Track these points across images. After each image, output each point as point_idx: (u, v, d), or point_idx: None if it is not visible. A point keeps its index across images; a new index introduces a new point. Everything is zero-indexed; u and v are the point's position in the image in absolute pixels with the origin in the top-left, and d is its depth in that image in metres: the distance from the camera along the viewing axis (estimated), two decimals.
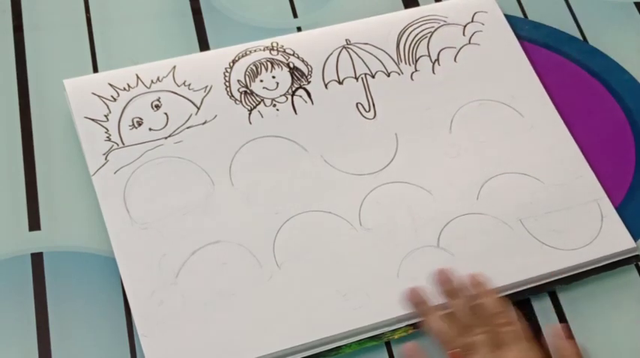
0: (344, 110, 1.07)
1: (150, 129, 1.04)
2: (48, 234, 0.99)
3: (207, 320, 0.93)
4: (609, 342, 0.96)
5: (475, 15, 1.15)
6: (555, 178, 1.04)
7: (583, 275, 0.99)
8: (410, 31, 1.14)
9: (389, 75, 1.10)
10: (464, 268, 0.95)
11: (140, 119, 1.05)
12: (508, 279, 0.96)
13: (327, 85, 1.09)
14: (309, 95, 1.08)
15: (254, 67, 1.09)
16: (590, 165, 1.05)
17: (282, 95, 1.08)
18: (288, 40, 1.12)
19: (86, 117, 1.04)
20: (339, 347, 0.93)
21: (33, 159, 1.04)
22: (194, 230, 0.98)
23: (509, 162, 1.05)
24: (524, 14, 1.19)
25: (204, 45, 1.14)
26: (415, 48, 1.12)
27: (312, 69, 1.10)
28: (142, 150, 1.02)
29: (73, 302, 0.95)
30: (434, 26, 1.14)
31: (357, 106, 1.08)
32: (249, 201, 1.00)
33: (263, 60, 1.10)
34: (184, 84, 1.07)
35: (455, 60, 1.12)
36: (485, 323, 0.91)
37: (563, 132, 1.07)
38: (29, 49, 1.12)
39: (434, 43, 1.13)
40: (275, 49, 1.11)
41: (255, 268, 0.96)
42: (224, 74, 1.09)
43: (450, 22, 1.15)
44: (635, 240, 1.00)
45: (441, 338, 0.91)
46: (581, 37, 1.17)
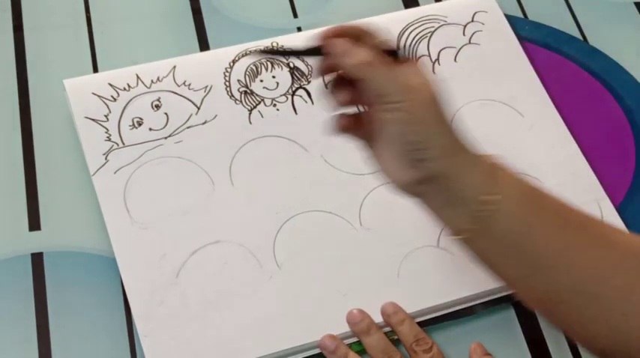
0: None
1: (150, 129, 1.04)
2: (48, 234, 0.99)
3: (207, 320, 0.93)
4: None
5: (475, 15, 1.15)
6: (555, 178, 1.03)
7: None
8: (410, 31, 1.14)
9: None
10: (464, 268, 0.94)
11: (140, 119, 1.05)
12: None
13: (327, 85, 1.09)
14: (309, 95, 1.08)
15: (254, 67, 1.09)
16: (591, 165, 1.05)
17: (282, 95, 1.08)
18: (288, 40, 1.12)
19: (86, 117, 1.04)
20: None
21: (33, 159, 1.04)
22: (194, 230, 0.98)
23: (509, 162, 1.04)
24: (524, 14, 1.19)
25: (204, 45, 1.14)
26: (415, 48, 1.12)
27: (312, 69, 1.10)
28: (142, 150, 1.02)
29: (73, 302, 0.95)
30: (434, 26, 1.14)
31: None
32: (249, 201, 1.00)
33: (263, 60, 1.10)
34: (184, 84, 1.07)
35: (455, 60, 1.12)
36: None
37: (563, 132, 1.07)
38: (29, 49, 1.12)
39: (434, 42, 1.13)
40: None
41: (256, 268, 0.96)
42: (224, 74, 1.09)
43: (450, 22, 1.15)
44: None
45: None
46: (581, 37, 1.17)
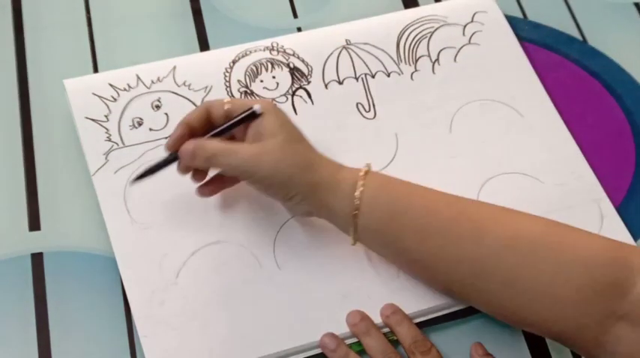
0: (344, 110, 1.07)
1: (150, 129, 1.04)
2: (48, 234, 0.99)
3: (207, 321, 0.93)
4: None
5: (475, 15, 1.15)
6: (555, 178, 1.04)
7: None
8: (410, 31, 1.14)
9: (389, 75, 1.10)
10: None
11: (140, 119, 1.05)
12: None
13: (327, 85, 1.09)
14: (309, 95, 1.08)
15: (254, 68, 1.09)
16: (590, 165, 1.05)
17: (282, 95, 1.08)
18: (288, 40, 1.12)
19: (86, 118, 1.04)
20: None
21: (33, 159, 1.04)
22: (194, 230, 0.98)
23: (509, 162, 1.05)
24: (524, 14, 1.19)
25: (204, 45, 1.14)
26: (415, 48, 1.12)
27: (312, 69, 1.10)
28: (142, 150, 1.02)
29: (73, 302, 0.95)
30: (434, 26, 1.14)
31: (357, 106, 1.08)
32: (249, 201, 1.00)
33: (263, 60, 1.10)
34: (184, 84, 1.07)
35: (455, 60, 1.12)
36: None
37: (563, 132, 1.07)
38: (29, 49, 1.12)
39: (434, 43, 1.13)
40: (275, 49, 1.11)
41: (256, 268, 0.96)
42: (224, 74, 1.09)
43: (450, 22, 1.15)
44: (636, 239, 1.00)
45: None
46: (581, 38, 1.17)
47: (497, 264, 0.88)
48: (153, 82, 1.07)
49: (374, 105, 1.08)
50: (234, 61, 1.10)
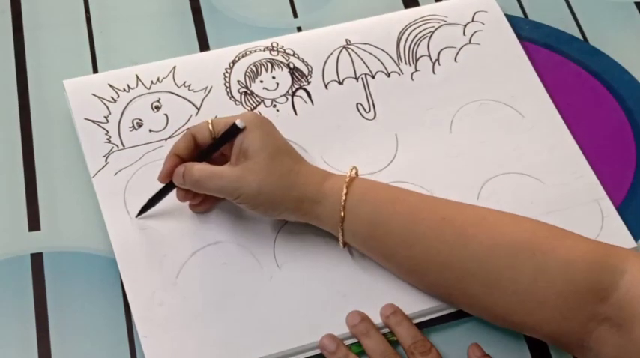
0: (344, 110, 1.07)
1: (150, 130, 1.04)
2: (48, 234, 0.99)
3: (207, 321, 0.93)
4: None
5: (475, 15, 1.15)
6: (555, 178, 1.04)
7: None
8: (410, 31, 1.13)
9: (389, 75, 1.10)
10: None
11: (140, 120, 1.05)
12: None
13: (327, 86, 1.09)
14: (309, 95, 1.08)
15: (254, 68, 1.09)
16: (591, 165, 1.05)
17: (282, 95, 1.08)
18: (288, 40, 1.12)
19: (86, 119, 1.04)
20: None
21: (33, 159, 1.04)
22: (194, 231, 0.98)
23: (509, 162, 1.04)
24: (524, 14, 1.19)
25: (204, 45, 1.14)
26: (415, 48, 1.12)
27: (312, 69, 1.10)
28: (142, 151, 1.02)
29: (73, 302, 0.95)
30: (434, 26, 1.14)
31: (357, 107, 1.08)
32: None
33: (263, 60, 1.10)
34: (184, 85, 1.07)
35: (455, 60, 1.12)
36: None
37: (563, 132, 1.07)
38: (29, 49, 1.12)
39: (434, 42, 1.13)
40: (275, 49, 1.11)
41: (256, 269, 0.96)
42: (224, 75, 1.09)
43: (450, 22, 1.15)
44: (636, 240, 1.00)
45: None
46: (582, 37, 1.17)
47: (481, 268, 0.88)
48: (152, 82, 1.07)
49: (374, 105, 1.08)
50: (233, 62, 1.10)
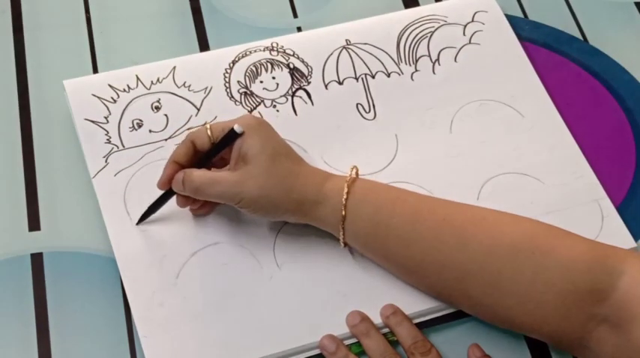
0: (344, 111, 1.07)
1: (150, 131, 1.04)
2: (48, 235, 0.99)
3: (207, 321, 0.93)
4: None
5: (475, 15, 1.15)
6: (555, 178, 1.04)
7: None
8: (410, 31, 1.13)
9: (389, 75, 1.10)
10: None
11: (140, 121, 1.05)
12: None
13: (327, 86, 1.09)
14: (309, 96, 1.08)
15: (254, 68, 1.09)
16: (591, 165, 1.05)
17: (282, 96, 1.08)
18: (288, 41, 1.11)
19: (86, 119, 1.04)
20: None
21: (33, 159, 1.04)
22: (194, 231, 0.98)
23: (509, 162, 1.04)
24: (524, 14, 1.19)
25: (204, 45, 1.14)
26: (415, 48, 1.12)
27: (312, 69, 1.10)
28: (142, 152, 1.02)
29: (73, 302, 0.95)
30: (434, 26, 1.14)
31: (357, 107, 1.08)
32: None
33: (263, 60, 1.10)
34: (184, 85, 1.07)
35: (455, 60, 1.12)
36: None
37: (563, 132, 1.07)
38: (29, 49, 1.12)
39: (434, 42, 1.13)
40: (275, 49, 1.11)
41: (256, 269, 0.96)
42: (224, 75, 1.09)
43: (450, 22, 1.15)
44: (636, 239, 1.00)
45: None
46: (582, 37, 1.17)
47: (481, 269, 0.89)
48: (152, 82, 1.07)
49: (374, 105, 1.08)
50: (233, 62, 1.10)
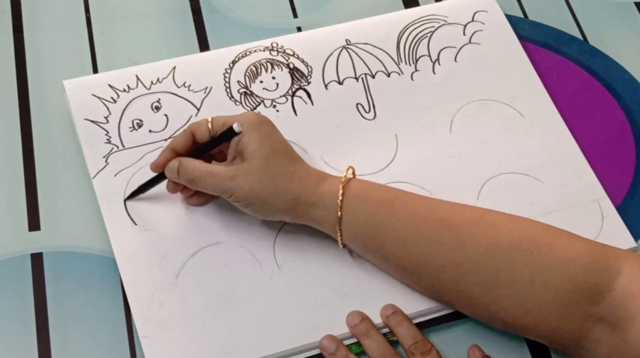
0: (344, 111, 1.07)
1: (150, 131, 1.04)
2: (48, 234, 0.99)
3: (207, 321, 0.93)
4: None
5: (475, 14, 1.15)
6: (555, 178, 1.04)
7: None
8: (410, 31, 1.13)
9: (389, 75, 1.10)
10: None
11: (140, 121, 1.05)
12: None
13: (327, 86, 1.09)
14: (309, 96, 1.08)
15: (254, 68, 1.09)
16: (591, 164, 1.05)
17: (282, 96, 1.08)
18: (288, 41, 1.11)
19: (86, 119, 1.04)
20: None
21: (33, 159, 1.04)
22: (194, 231, 0.98)
23: (509, 162, 1.04)
24: (524, 14, 1.19)
25: (204, 45, 1.14)
26: (415, 48, 1.12)
27: (312, 69, 1.10)
28: (142, 152, 1.02)
29: (73, 302, 0.95)
30: (434, 26, 1.14)
31: (357, 107, 1.08)
32: None
33: (263, 60, 1.10)
34: (184, 85, 1.07)
35: (455, 60, 1.12)
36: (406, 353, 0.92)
37: (563, 132, 1.07)
38: (29, 49, 1.12)
39: (434, 42, 1.13)
40: (275, 49, 1.11)
41: (256, 269, 0.96)
42: (224, 75, 1.09)
43: (451, 22, 1.15)
44: (636, 239, 1.00)
45: None
46: (582, 37, 1.17)
47: (479, 269, 0.89)
48: (152, 82, 1.07)
49: (374, 105, 1.08)
50: (233, 62, 1.10)
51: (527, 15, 1.19)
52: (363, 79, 1.10)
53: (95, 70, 1.11)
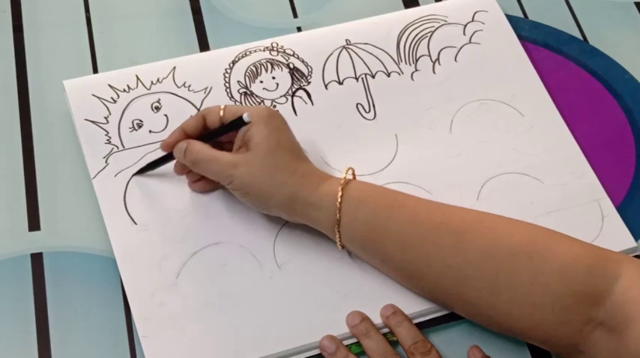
0: (344, 111, 1.07)
1: (150, 131, 1.04)
2: (48, 234, 0.99)
3: (207, 322, 0.93)
4: None
5: (475, 14, 1.15)
6: (555, 178, 1.04)
7: None
8: (410, 31, 1.13)
9: (389, 75, 1.10)
10: None
11: (140, 121, 1.05)
12: None
13: (327, 86, 1.09)
14: (309, 96, 1.08)
15: (254, 68, 1.09)
16: (591, 164, 1.05)
17: (282, 96, 1.08)
18: (288, 41, 1.11)
19: (86, 119, 1.04)
20: None
21: (33, 158, 1.04)
22: (194, 231, 0.98)
23: (509, 162, 1.04)
24: (524, 14, 1.19)
25: (204, 45, 1.14)
26: (415, 48, 1.12)
27: (312, 69, 1.10)
28: (143, 152, 1.02)
29: (73, 302, 0.95)
30: (434, 26, 1.14)
31: (357, 107, 1.08)
32: None
33: (263, 60, 1.10)
34: (184, 85, 1.07)
35: (455, 59, 1.12)
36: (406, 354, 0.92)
37: (563, 132, 1.07)
38: (29, 49, 1.12)
39: (434, 42, 1.13)
40: (275, 49, 1.11)
41: (256, 269, 0.96)
42: (224, 75, 1.09)
43: (451, 22, 1.15)
44: (636, 239, 1.00)
45: None
46: (582, 37, 1.17)
47: (478, 273, 0.89)
48: (152, 83, 1.07)
49: (374, 105, 1.08)
50: (233, 62, 1.10)
51: (527, 15, 1.19)
52: (363, 78, 1.10)
53: (95, 70, 1.11)
